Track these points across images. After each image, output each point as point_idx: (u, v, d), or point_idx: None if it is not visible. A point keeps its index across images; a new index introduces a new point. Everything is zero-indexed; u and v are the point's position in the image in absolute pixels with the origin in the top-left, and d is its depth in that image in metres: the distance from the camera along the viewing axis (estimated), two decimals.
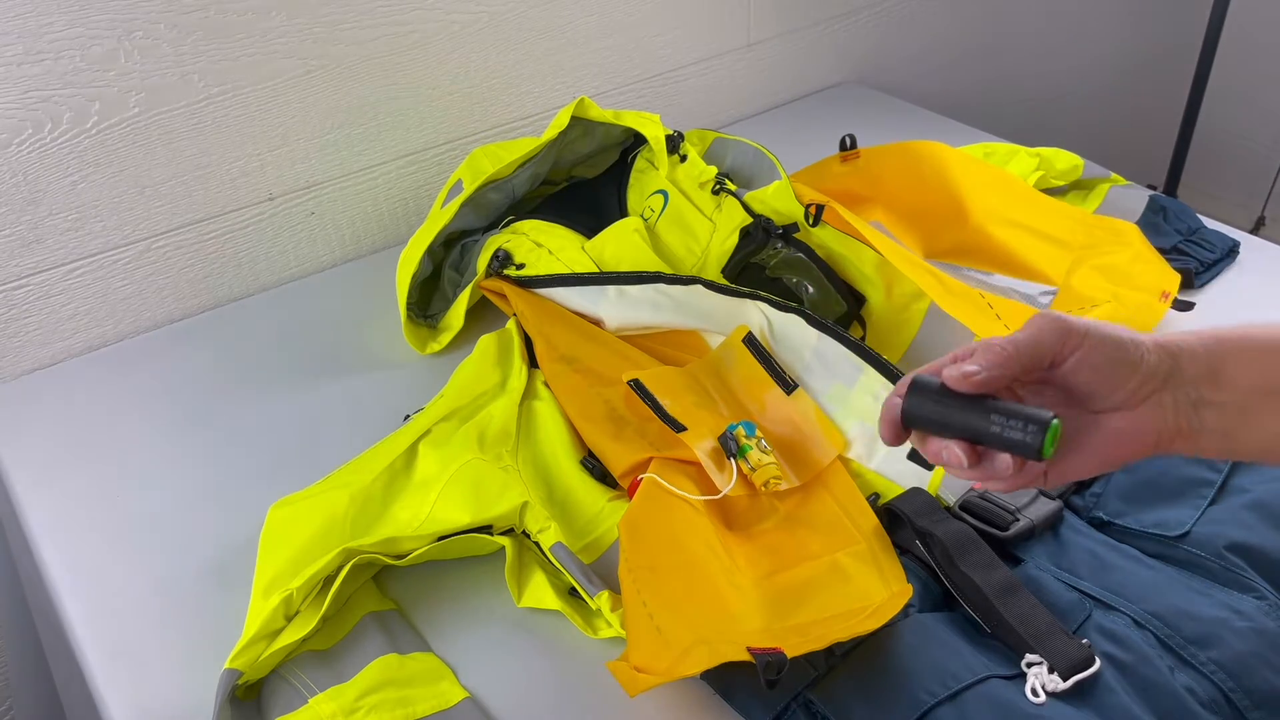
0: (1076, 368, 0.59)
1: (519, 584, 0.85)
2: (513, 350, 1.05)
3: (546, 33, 1.35)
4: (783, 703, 0.73)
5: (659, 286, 1.06)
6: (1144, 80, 2.26)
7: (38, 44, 1.02)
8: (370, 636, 0.81)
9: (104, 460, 1.01)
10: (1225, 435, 0.58)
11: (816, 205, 1.11)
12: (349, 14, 1.19)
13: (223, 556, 0.90)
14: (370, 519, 0.87)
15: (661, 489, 0.85)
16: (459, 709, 0.77)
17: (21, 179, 1.07)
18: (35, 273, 1.11)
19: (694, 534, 0.83)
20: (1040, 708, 0.71)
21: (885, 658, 0.75)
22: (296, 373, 1.12)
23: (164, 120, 1.12)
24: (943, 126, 1.55)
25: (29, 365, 1.15)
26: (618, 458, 0.91)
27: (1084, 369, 0.59)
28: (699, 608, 0.75)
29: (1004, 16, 1.91)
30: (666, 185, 1.20)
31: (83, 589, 0.89)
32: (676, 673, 0.71)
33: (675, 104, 1.52)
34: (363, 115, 1.25)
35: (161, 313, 1.21)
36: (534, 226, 1.17)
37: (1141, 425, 0.59)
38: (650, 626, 0.74)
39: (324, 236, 1.29)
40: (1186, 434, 0.59)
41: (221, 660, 0.76)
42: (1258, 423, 0.58)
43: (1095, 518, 0.88)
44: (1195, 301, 1.09)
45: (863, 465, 0.94)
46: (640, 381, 0.95)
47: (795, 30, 1.61)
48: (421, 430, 0.95)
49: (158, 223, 1.17)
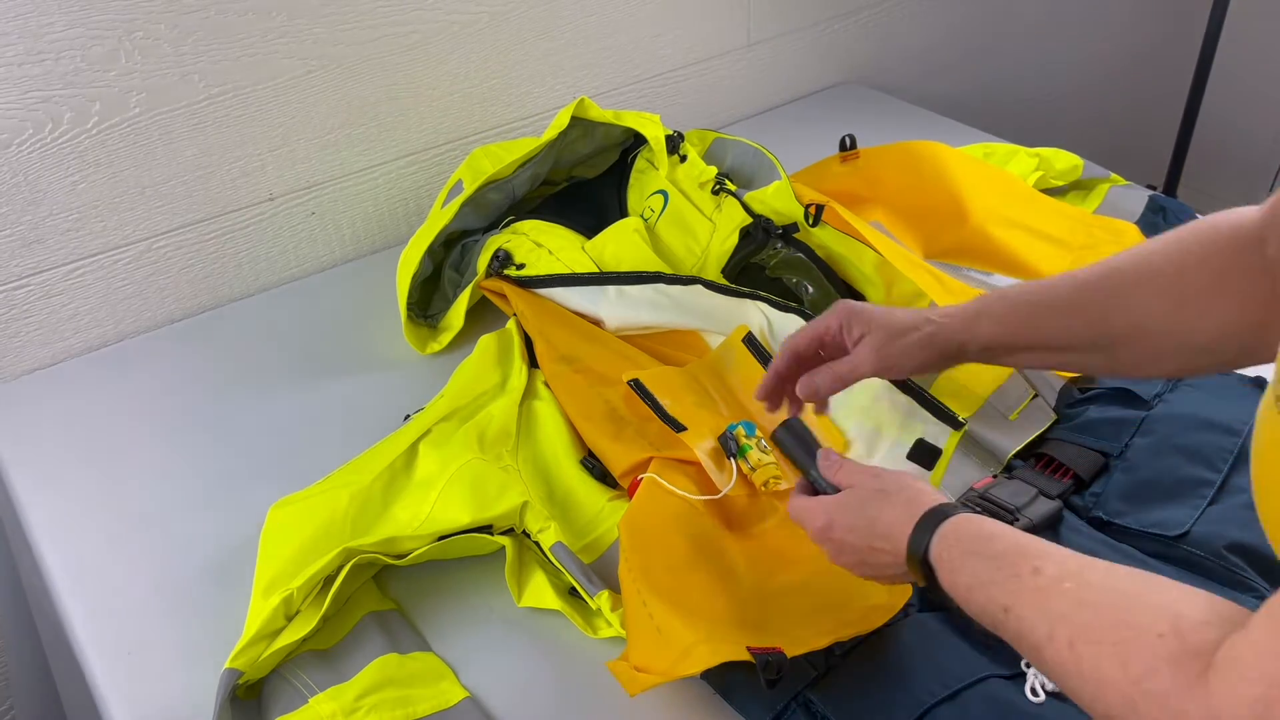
0: (867, 344, 0.80)
1: (519, 584, 0.86)
2: (513, 350, 1.05)
3: (546, 33, 1.35)
4: (782, 702, 0.73)
5: (659, 286, 1.06)
6: (1143, 80, 2.26)
7: (38, 44, 1.02)
8: (370, 636, 0.81)
9: (104, 460, 1.01)
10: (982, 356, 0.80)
11: (816, 205, 1.11)
12: (349, 14, 1.19)
13: (223, 556, 0.90)
14: (370, 519, 0.87)
15: (661, 488, 0.85)
16: (459, 709, 0.77)
17: (22, 179, 1.07)
18: (36, 273, 1.12)
19: (694, 533, 0.83)
20: (1040, 707, 0.72)
21: (885, 657, 0.75)
22: (296, 373, 1.12)
23: (164, 120, 1.12)
24: (943, 126, 1.55)
25: (29, 365, 1.15)
26: (618, 458, 0.91)
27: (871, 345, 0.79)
28: (699, 607, 0.75)
29: (1004, 16, 1.91)
30: (666, 185, 1.20)
31: (83, 589, 0.89)
32: (677, 672, 0.71)
33: (675, 104, 1.52)
34: (363, 115, 1.25)
35: (162, 313, 1.21)
36: (534, 226, 1.17)
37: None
38: (650, 626, 0.74)
39: (324, 236, 1.29)
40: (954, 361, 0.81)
41: (222, 660, 0.76)
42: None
43: (1095, 517, 0.88)
44: None
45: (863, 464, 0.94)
46: (640, 381, 0.95)
47: (795, 30, 1.61)
48: (421, 430, 0.95)
49: (158, 223, 1.17)
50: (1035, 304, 0.77)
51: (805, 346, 0.83)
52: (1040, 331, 0.77)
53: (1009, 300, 0.78)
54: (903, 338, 0.79)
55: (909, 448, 0.92)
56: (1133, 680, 0.50)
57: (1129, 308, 0.72)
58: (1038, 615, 0.56)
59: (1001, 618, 0.59)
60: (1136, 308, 0.72)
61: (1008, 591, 0.58)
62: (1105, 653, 0.51)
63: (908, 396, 0.94)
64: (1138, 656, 0.50)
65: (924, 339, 0.79)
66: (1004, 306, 0.78)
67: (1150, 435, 0.93)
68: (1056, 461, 0.92)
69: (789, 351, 0.83)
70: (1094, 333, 0.74)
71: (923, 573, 0.66)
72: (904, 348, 0.79)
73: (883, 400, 0.95)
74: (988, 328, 0.77)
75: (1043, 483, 0.89)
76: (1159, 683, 0.49)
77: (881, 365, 0.80)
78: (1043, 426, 0.96)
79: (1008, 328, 0.77)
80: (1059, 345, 0.76)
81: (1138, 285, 0.72)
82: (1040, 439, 0.96)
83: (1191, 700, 0.47)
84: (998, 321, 0.77)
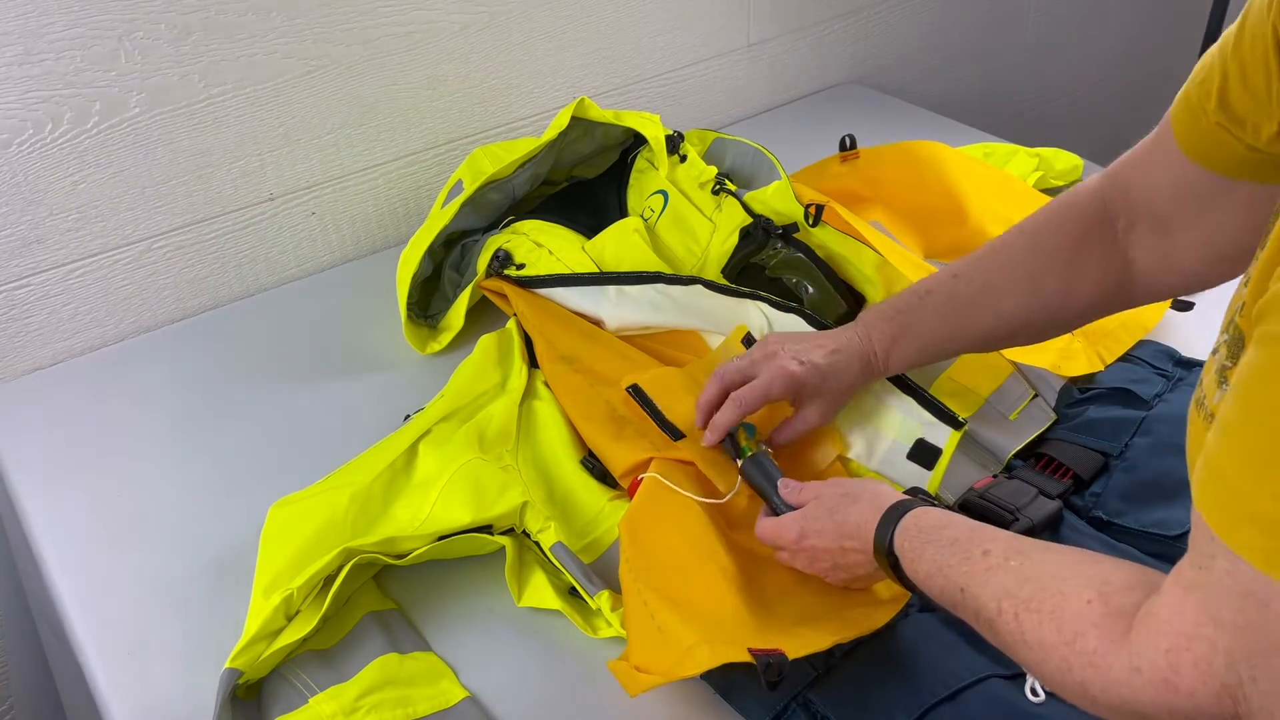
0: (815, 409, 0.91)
1: (519, 584, 0.86)
2: (513, 350, 1.05)
3: (546, 33, 1.35)
4: (782, 702, 0.73)
5: (659, 286, 1.06)
6: (1143, 80, 2.26)
7: (38, 44, 1.02)
8: (370, 636, 0.81)
9: (104, 460, 1.01)
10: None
11: (816, 205, 1.11)
12: (349, 14, 1.19)
13: (223, 556, 0.90)
14: (370, 519, 0.87)
15: (663, 488, 0.85)
16: (459, 709, 0.77)
17: (22, 179, 1.07)
18: (36, 273, 1.12)
19: (695, 534, 0.83)
20: (1040, 707, 0.72)
21: (885, 657, 0.75)
22: (296, 373, 1.12)
23: (164, 120, 1.12)
24: (943, 126, 1.55)
25: (29, 365, 1.15)
26: (618, 458, 0.91)
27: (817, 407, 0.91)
28: (700, 607, 0.75)
29: (1004, 17, 1.91)
30: (666, 185, 1.20)
31: (83, 589, 0.89)
32: (677, 673, 0.71)
33: (675, 104, 1.52)
34: (363, 115, 1.25)
35: (162, 313, 1.21)
36: (534, 226, 1.17)
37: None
38: (651, 626, 0.74)
39: (324, 236, 1.29)
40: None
41: (222, 660, 0.76)
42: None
43: (1095, 517, 0.88)
44: (1194, 301, 1.09)
45: (863, 465, 0.94)
46: (639, 387, 0.95)
47: (795, 30, 1.61)
48: (421, 430, 0.95)
49: (158, 223, 1.17)
50: (929, 335, 0.89)
51: (750, 403, 0.89)
52: (938, 352, 0.90)
53: (911, 331, 0.89)
54: (841, 395, 0.91)
55: (909, 448, 0.92)
56: (1066, 642, 0.56)
57: (1005, 314, 0.85)
58: (988, 593, 0.62)
59: (959, 598, 0.64)
60: (1011, 313, 0.85)
61: (962, 573, 0.64)
62: (1045, 620, 0.58)
63: (908, 396, 0.94)
64: (1070, 621, 0.56)
65: (853, 384, 0.91)
66: (909, 338, 0.89)
67: (1150, 435, 0.93)
68: (1056, 461, 0.92)
69: (720, 387, 0.91)
70: (980, 342, 0.89)
71: (889, 564, 0.71)
72: (840, 397, 0.91)
73: (883, 400, 0.95)
74: (899, 357, 0.90)
75: (1043, 483, 0.89)
76: (1087, 643, 0.55)
77: (828, 419, 0.92)
78: (1043, 426, 0.96)
79: (909, 356, 0.90)
80: (948, 355, 0.93)
81: (1009, 293, 0.85)
82: (1040, 439, 0.96)
83: (1115, 656, 0.54)
84: (905, 349, 0.89)
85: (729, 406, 0.88)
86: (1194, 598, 0.51)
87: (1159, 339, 1.06)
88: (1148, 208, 0.79)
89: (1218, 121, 0.67)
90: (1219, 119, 0.67)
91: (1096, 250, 0.82)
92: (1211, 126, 0.68)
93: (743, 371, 0.90)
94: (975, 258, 0.88)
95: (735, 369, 0.91)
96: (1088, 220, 0.82)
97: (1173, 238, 0.78)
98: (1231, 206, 0.72)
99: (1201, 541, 0.51)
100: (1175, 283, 0.82)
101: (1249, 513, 0.48)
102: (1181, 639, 0.51)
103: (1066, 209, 0.84)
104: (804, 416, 0.91)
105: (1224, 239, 0.74)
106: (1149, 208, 0.78)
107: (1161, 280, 0.81)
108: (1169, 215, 0.77)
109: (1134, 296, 0.84)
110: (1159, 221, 0.78)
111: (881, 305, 0.91)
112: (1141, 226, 0.80)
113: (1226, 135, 0.67)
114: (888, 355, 0.89)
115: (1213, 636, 0.50)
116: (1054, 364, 1.00)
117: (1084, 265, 0.82)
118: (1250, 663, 0.48)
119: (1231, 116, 0.66)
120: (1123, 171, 0.81)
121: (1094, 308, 0.85)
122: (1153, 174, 0.77)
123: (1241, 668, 0.49)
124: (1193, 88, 0.69)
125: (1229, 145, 0.67)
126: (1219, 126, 0.67)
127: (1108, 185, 0.82)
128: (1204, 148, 0.70)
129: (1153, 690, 0.52)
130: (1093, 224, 0.82)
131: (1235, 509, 0.49)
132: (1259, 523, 0.48)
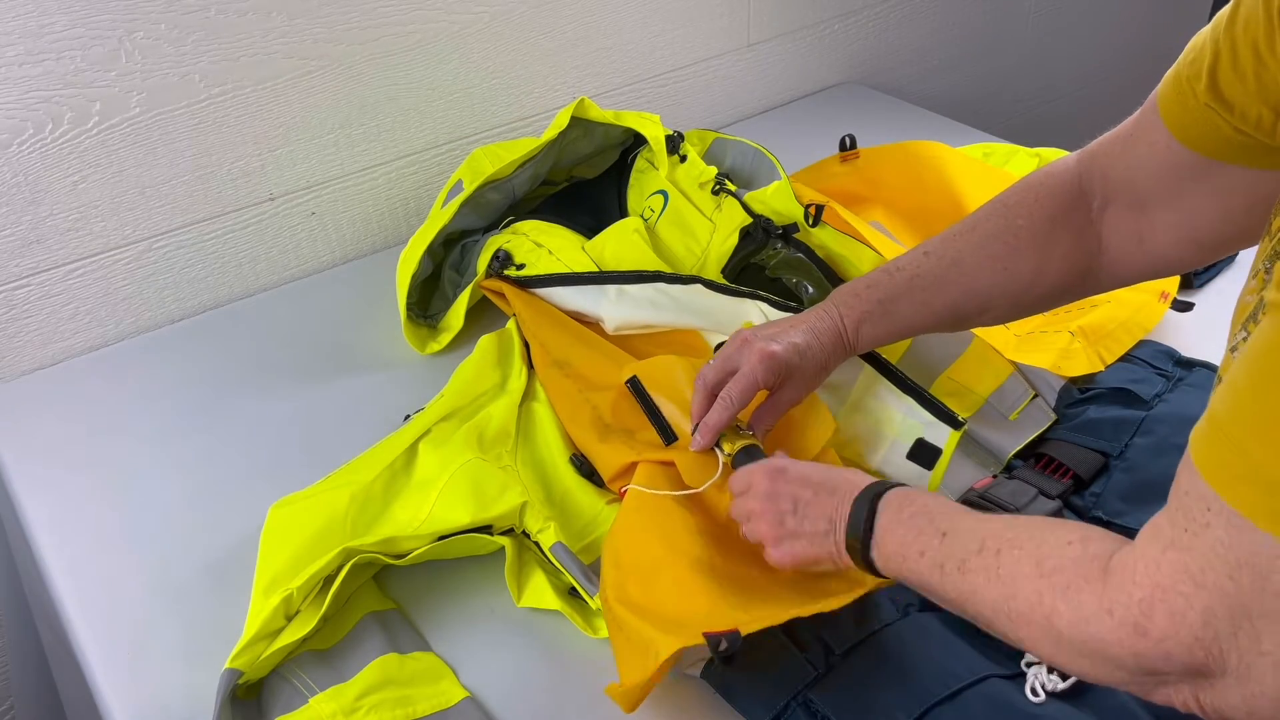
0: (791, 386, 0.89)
1: (519, 584, 0.86)
2: (513, 350, 1.05)
3: (546, 33, 1.35)
4: (782, 702, 0.73)
5: (659, 286, 1.06)
6: (1143, 80, 2.25)
7: (39, 44, 1.02)
8: (370, 636, 0.81)
9: (104, 460, 1.01)
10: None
11: (816, 205, 1.11)
12: (349, 14, 1.19)
13: (223, 556, 0.90)
14: (370, 519, 0.87)
15: (644, 497, 0.85)
16: (459, 708, 0.77)
17: (22, 179, 1.07)
18: (36, 273, 1.12)
19: (671, 533, 0.81)
20: (1040, 707, 0.72)
21: (885, 657, 0.75)
22: (296, 373, 1.12)
23: (165, 120, 1.12)
24: (943, 126, 1.55)
25: (29, 365, 1.15)
26: (606, 462, 0.91)
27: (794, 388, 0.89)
28: (665, 608, 0.75)
29: (1004, 16, 1.91)
30: (666, 185, 1.20)
31: (83, 589, 0.89)
32: (648, 671, 0.70)
33: (675, 104, 1.52)
34: (363, 115, 1.25)
35: (162, 313, 1.21)
36: (534, 226, 1.17)
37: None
38: (629, 646, 0.74)
39: (324, 236, 1.29)
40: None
41: (221, 660, 0.76)
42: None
43: (1095, 517, 0.88)
44: (1194, 302, 1.09)
45: (863, 463, 0.94)
46: (639, 381, 0.95)
47: (795, 30, 1.61)
48: (421, 430, 0.95)
49: (158, 223, 1.17)
50: (899, 311, 0.88)
51: (739, 397, 0.87)
52: (907, 329, 0.89)
53: (881, 307, 0.88)
54: (817, 373, 0.89)
55: (909, 448, 0.92)
56: (1044, 574, 0.59)
57: (975, 292, 0.85)
58: (971, 535, 0.65)
59: (936, 543, 0.66)
60: (981, 291, 0.85)
61: (949, 519, 0.67)
62: (1025, 555, 0.61)
63: (908, 396, 0.94)
64: (1051, 557, 0.59)
65: (827, 362, 0.89)
66: (878, 315, 0.88)
67: (1150, 435, 0.93)
68: (1056, 461, 0.92)
69: (706, 392, 0.89)
70: (949, 320, 0.88)
71: (866, 515, 0.71)
72: (816, 375, 0.89)
73: (883, 400, 0.95)
74: (869, 333, 0.88)
75: (1043, 483, 0.89)
76: (1064, 577, 0.58)
77: (802, 398, 0.91)
78: (1043, 426, 0.96)
79: (878, 333, 0.89)
80: (917, 332, 0.91)
81: (979, 271, 0.85)
82: (1040, 439, 0.96)
83: (1089, 592, 0.56)
84: (875, 326, 0.88)
85: (719, 406, 0.86)
86: (1173, 556, 0.52)
87: (1159, 339, 1.06)
88: (1127, 185, 0.78)
89: (1206, 103, 0.66)
90: (1208, 100, 0.66)
91: (1070, 229, 0.81)
92: (1200, 107, 0.67)
93: (723, 368, 0.88)
94: (947, 235, 0.87)
95: (714, 368, 0.89)
96: (1062, 198, 0.81)
97: (1149, 217, 0.77)
98: (1211, 189, 0.71)
99: (1193, 505, 0.52)
100: (1143, 265, 0.81)
101: (1254, 474, 0.49)
102: (1158, 590, 0.52)
103: (1041, 187, 0.83)
104: (781, 397, 0.89)
105: (1200, 221, 0.74)
106: (1128, 185, 0.78)
107: (1130, 263, 0.81)
108: (1147, 193, 0.76)
109: (1100, 280, 0.83)
110: (1136, 199, 0.78)
111: (853, 283, 0.90)
112: (1118, 204, 0.79)
113: (1214, 116, 0.66)
114: (857, 331, 0.88)
115: (1190, 593, 0.51)
116: (1054, 364, 1.00)
117: (1056, 244, 0.82)
118: (1233, 622, 0.50)
119: (1220, 98, 0.65)
120: (1102, 149, 0.80)
121: (1059, 289, 0.84)
122: (1135, 150, 0.76)
123: (1221, 624, 0.50)
124: (1183, 67, 0.68)
125: (1217, 126, 0.66)
126: (1207, 107, 0.66)
127: (1085, 162, 0.81)
128: (1191, 128, 0.69)
129: (1122, 632, 0.54)
130: (1067, 202, 0.81)
131: (1239, 469, 0.50)
132: (1260, 483, 0.48)
